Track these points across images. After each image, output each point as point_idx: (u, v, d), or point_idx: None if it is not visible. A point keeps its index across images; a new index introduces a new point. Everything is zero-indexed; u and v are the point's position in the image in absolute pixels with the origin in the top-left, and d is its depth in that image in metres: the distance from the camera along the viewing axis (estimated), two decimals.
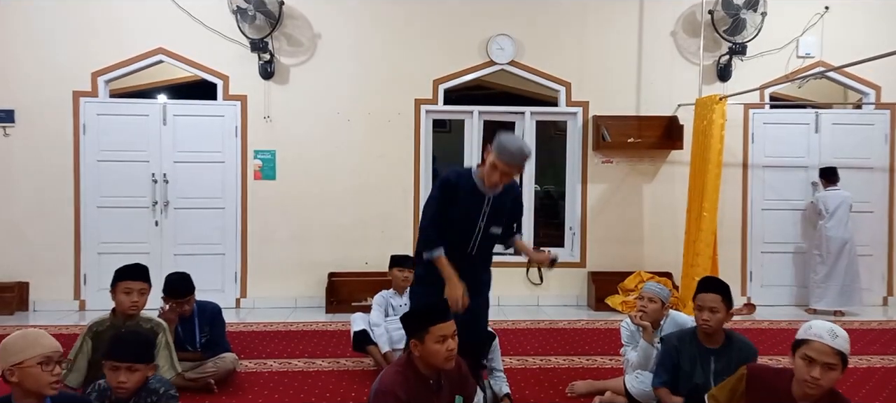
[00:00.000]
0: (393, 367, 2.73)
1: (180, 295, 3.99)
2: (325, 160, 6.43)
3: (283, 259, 6.45)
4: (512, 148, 3.05)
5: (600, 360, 4.76)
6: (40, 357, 2.29)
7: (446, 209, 3.16)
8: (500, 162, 3.05)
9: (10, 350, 2.31)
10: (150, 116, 6.35)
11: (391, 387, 2.57)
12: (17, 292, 6.14)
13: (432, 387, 2.68)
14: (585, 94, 6.66)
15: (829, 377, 2.39)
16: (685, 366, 3.25)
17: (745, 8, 6.35)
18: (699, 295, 3.22)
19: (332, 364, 4.63)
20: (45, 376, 2.30)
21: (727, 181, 6.49)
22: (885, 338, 5.47)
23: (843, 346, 2.40)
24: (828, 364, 2.37)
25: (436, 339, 2.58)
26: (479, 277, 3.34)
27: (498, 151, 3.05)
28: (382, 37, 6.51)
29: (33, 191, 6.24)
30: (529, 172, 6.81)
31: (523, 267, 6.52)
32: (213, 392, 3.92)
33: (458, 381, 2.80)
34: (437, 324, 2.59)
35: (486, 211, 3.22)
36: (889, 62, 5.19)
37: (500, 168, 3.06)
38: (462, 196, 3.18)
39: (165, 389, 2.73)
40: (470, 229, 3.23)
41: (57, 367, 2.34)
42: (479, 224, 3.22)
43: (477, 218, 3.22)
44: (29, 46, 6.20)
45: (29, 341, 2.32)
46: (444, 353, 2.59)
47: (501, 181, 3.13)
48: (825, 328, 2.43)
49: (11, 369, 2.28)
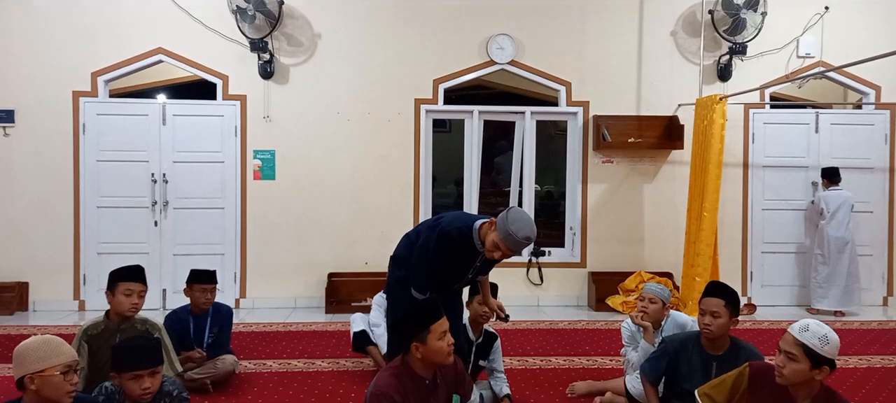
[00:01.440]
0: (387, 370, 2.71)
1: (207, 281, 4.13)
2: (325, 160, 6.43)
3: (282, 259, 6.45)
4: (518, 237, 2.93)
5: (601, 360, 4.75)
6: (63, 366, 2.27)
7: (440, 261, 3.16)
8: (504, 245, 2.97)
9: (31, 357, 2.26)
10: (150, 116, 6.34)
11: (387, 391, 2.56)
12: (16, 292, 6.13)
13: (428, 388, 2.68)
14: (586, 94, 6.65)
15: (791, 367, 2.45)
16: (683, 370, 3.20)
17: (746, 8, 6.34)
18: (702, 299, 3.18)
19: (331, 364, 4.63)
20: (66, 385, 2.28)
21: (727, 181, 6.49)
22: (885, 338, 5.46)
23: (811, 340, 2.43)
24: (788, 352, 2.46)
25: (437, 336, 2.62)
26: (457, 302, 3.49)
27: (504, 237, 2.94)
28: (382, 36, 6.51)
29: (33, 191, 6.24)
30: (529, 172, 6.81)
31: (523, 268, 6.62)
32: (209, 392, 3.92)
33: (455, 379, 2.81)
34: (436, 322, 2.63)
35: (476, 265, 3.25)
36: (889, 62, 5.20)
37: (502, 249, 3.00)
38: (457, 251, 3.15)
39: (178, 391, 2.74)
40: (459, 277, 3.32)
41: (75, 376, 2.32)
42: (469, 275, 3.31)
43: (467, 270, 3.28)
44: (29, 46, 6.20)
45: (52, 349, 2.29)
46: (446, 348, 2.64)
47: (502, 258, 3.08)
48: (803, 324, 2.49)
49: (32, 376, 2.24)
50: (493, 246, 3.01)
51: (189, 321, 4.15)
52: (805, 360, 2.43)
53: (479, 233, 3.09)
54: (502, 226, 2.95)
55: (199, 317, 4.16)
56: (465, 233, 3.11)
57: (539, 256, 6.69)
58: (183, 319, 4.15)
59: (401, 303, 3.28)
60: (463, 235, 3.11)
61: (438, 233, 3.13)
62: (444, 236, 3.11)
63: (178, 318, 4.15)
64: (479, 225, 3.10)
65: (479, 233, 3.08)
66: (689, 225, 6.22)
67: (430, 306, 2.71)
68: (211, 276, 4.18)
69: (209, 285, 4.15)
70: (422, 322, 2.63)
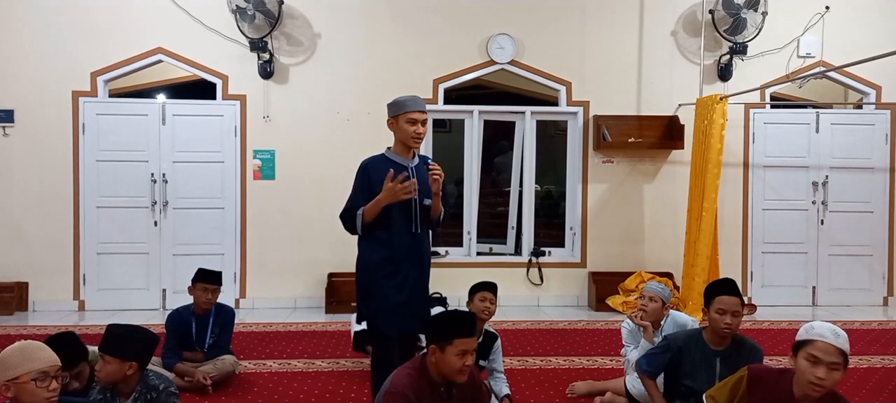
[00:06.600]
0: (405, 369, 2.68)
1: (209, 282, 4.15)
2: (325, 160, 6.41)
3: (282, 259, 6.44)
4: (401, 98, 3.33)
5: (601, 360, 4.75)
6: (36, 372, 2.23)
7: (364, 183, 3.26)
8: (402, 119, 3.29)
9: (6, 364, 2.24)
10: (150, 116, 6.34)
11: (403, 389, 2.54)
12: (16, 292, 6.13)
13: (443, 395, 2.64)
14: (586, 94, 6.65)
15: (833, 377, 2.38)
16: (686, 367, 3.19)
17: (746, 7, 6.34)
18: (719, 297, 3.09)
19: (331, 364, 4.62)
20: (41, 392, 2.23)
21: (728, 181, 6.49)
22: (886, 338, 5.46)
23: (846, 346, 2.40)
24: (832, 363, 2.37)
25: (457, 352, 2.54)
26: (424, 248, 3.38)
27: (392, 107, 3.38)
28: (382, 36, 6.50)
29: (33, 191, 6.24)
30: (530, 172, 6.81)
31: (524, 268, 6.61)
32: (209, 392, 3.91)
33: (471, 393, 2.75)
34: (463, 338, 2.55)
35: (409, 177, 3.21)
36: (889, 62, 5.19)
37: (412, 123, 3.29)
38: (378, 169, 3.24)
39: (165, 386, 2.72)
40: (406, 203, 3.22)
41: (53, 382, 2.27)
42: (413, 197, 3.21)
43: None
44: (29, 46, 6.19)
45: (26, 355, 2.25)
46: (459, 366, 2.55)
47: (419, 136, 3.32)
48: (827, 328, 2.42)
49: (7, 384, 2.22)
50: (404, 130, 3.23)
51: (191, 321, 4.16)
52: (843, 366, 2.38)
53: (389, 148, 3.32)
54: (388, 108, 3.28)
55: (202, 318, 4.18)
56: (377, 156, 3.33)
57: (539, 256, 6.69)
58: (185, 319, 4.16)
59: (360, 313, 3.40)
60: (376, 158, 3.32)
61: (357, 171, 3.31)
62: (361, 166, 3.31)
63: (181, 318, 4.16)
64: (388, 147, 3.34)
65: (390, 149, 3.30)
66: (690, 225, 6.22)
67: (466, 319, 2.64)
68: (216, 277, 4.20)
69: (211, 285, 4.15)
70: (451, 330, 2.56)
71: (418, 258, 3.29)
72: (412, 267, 3.25)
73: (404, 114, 3.24)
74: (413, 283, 3.26)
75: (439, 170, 3.25)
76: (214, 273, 4.22)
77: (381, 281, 3.21)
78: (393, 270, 3.21)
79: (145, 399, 2.65)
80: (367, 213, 3.18)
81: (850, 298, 6.76)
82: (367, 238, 3.26)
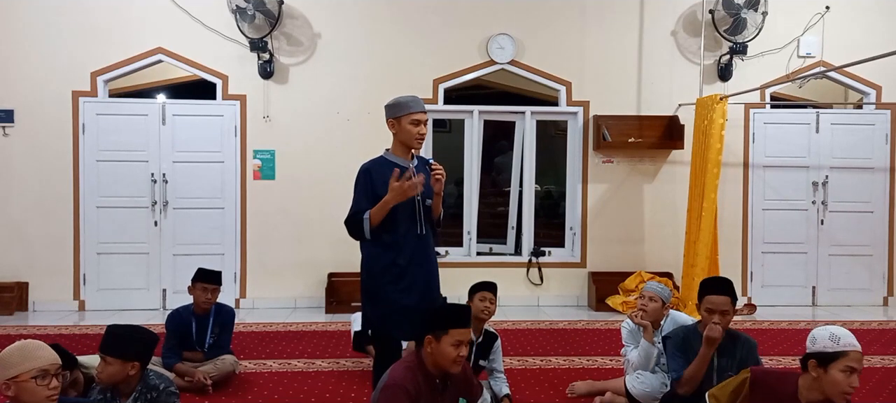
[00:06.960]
0: (402, 363, 2.77)
1: (209, 281, 4.14)
2: (325, 160, 6.41)
3: (282, 259, 6.44)
4: (403, 99, 3.30)
5: (601, 360, 4.75)
6: (36, 371, 2.23)
7: (367, 181, 3.23)
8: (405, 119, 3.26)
9: (6, 363, 2.24)
10: (150, 116, 6.34)
11: (401, 382, 2.60)
12: (16, 292, 6.13)
13: (438, 387, 2.72)
14: (586, 94, 6.65)
15: (856, 379, 2.46)
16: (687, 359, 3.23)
17: (746, 7, 6.33)
18: (708, 297, 3.13)
19: (331, 364, 4.62)
20: (41, 390, 2.23)
21: (728, 181, 6.49)
22: (886, 338, 5.46)
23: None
24: (856, 368, 2.44)
25: (452, 341, 2.63)
26: (430, 249, 3.34)
27: (391, 108, 3.32)
28: (382, 36, 6.50)
29: (33, 191, 6.24)
30: (530, 172, 6.81)
31: (524, 268, 6.61)
32: (209, 392, 3.91)
33: (464, 384, 2.86)
34: (458, 328, 2.65)
35: (411, 176, 3.18)
36: (889, 62, 5.19)
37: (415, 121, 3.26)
38: (379, 172, 3.21)
39: (166, 386, 2.73)
40: (410, 204, 3.18)
41: (54, 380, 2.27)
42: (416, 197, 3.18)
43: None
44: (29, 46, 6.19)
45: (25, 354, 2.25)
46: (454, 356, 2.64)
47: (421, 136, 3.30)
48: (849, 334, 2.47)
49: (7, 383, 2.23)
50: (407, 131, 3.19)
51: (191, 321, 4.16)
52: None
53: (388, 150, 3.30)
54: (387, 109, 3.25)
55: (202, 317, 4.18)
56: (376, 159, 3.30)
57: (539, 256, 6.69)
58: (185, 319, 4.16)
59: (365, 315, 3.31)
60: (375, 160, 3.29)
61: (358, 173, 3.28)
62: (361, 170, 3.28)
63: (181, 318, 4.16)
64: (387, 149, 3.31)
65: (389, 150, 3.29)
66: (689, 225, 6.22)
67: (461, 311, 2.73)
68: (215, 277, 4.19)
69: (211, 285, 4.15)
70: (447, 320, 2.65)
71: (425, 260, 3.25)
72: (419, 269, 3.21)
73: (408, 115, 3.22)
74: (422, 286, 3.21)
75: (442, 170, 3.23)
76: (214, 272, 4.21)
77: (387, 285, 3.17)
78: (399, 274, 3.17)
79: (145, 398, 2.66)
80: (373, 216, 3.14)
81: (850, 298, 6.76)
82: (372, 241, 3.22)
